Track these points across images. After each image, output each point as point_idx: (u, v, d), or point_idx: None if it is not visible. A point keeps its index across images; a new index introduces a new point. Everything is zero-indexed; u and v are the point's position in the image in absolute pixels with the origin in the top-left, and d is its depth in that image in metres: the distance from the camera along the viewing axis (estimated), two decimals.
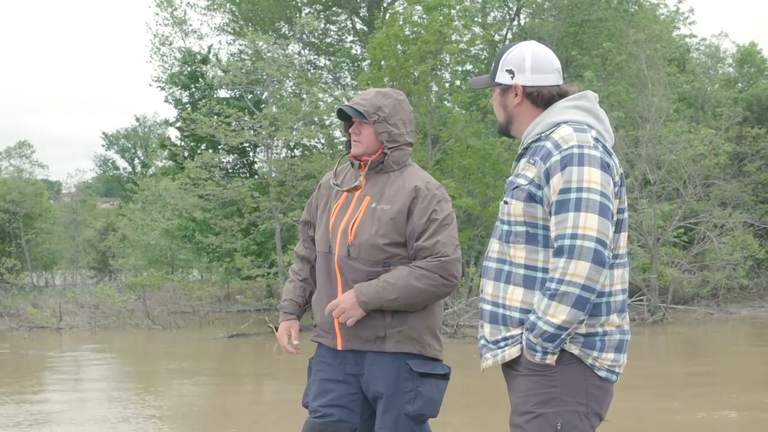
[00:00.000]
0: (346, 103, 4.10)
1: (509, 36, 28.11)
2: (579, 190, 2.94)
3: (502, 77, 3.24)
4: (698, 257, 22.52)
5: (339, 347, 3.89)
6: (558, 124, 3.11)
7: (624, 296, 3.11)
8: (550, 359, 3.00)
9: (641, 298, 20.67)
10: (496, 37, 27.50)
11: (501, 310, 3.12)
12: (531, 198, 3.05)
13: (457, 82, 23.30)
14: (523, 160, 3.17)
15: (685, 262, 21.74)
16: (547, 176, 3.01)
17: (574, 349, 3.01)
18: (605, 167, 2.98)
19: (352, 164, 4.08)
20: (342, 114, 4.02)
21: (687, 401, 10.24)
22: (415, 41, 20.23)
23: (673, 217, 21.32)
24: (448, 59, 21.59)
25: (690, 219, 22.00)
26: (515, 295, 3.08)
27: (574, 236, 2.90)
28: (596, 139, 3.04)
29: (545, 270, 3.03)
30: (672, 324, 19.82)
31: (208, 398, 11.84)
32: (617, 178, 3.05)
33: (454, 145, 21.25)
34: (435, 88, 22.00)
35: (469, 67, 25.91)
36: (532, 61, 3.20)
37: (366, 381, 3.88)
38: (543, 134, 3.13)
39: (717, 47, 30.04)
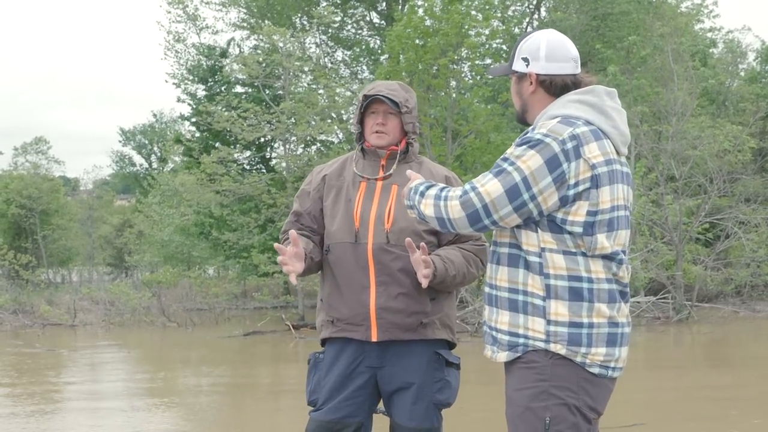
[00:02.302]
0: (367, 91, 3.97)
1: (530, 30, 27.71)
2: (509, 161, 3.02)
3: (518, 65, 3.25)
4: (721, 254, 22.08)
5: (374, 338, 3.80)
6: (555, 117, 3.11)
7: (611, 286, 3.06)
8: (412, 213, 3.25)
9: (666, 295, 20.26)
10: (516, 31, 27.08)
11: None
12: None
13: (478, 77, 22.93)
14: None
15: (710, 259, 21.31)
16: None
17: (561, 350, 3.01)
18: (552, 164, 2.98)
19: (364, 155, 4.02)
20: (367, 103, 3.96)
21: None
22: (436, 33, 19.88)
23: (699, 213, 20.89)
24: (467, 53, 21.24)
25: (715, 215, 21.56)
26: (502, 274, 3.14)
27: (474, 188, 3.03)
28: (573, 136, 3.01)
29: (536, 254, 3.06)
30: (698, 323, 19.40)
31: (224, 396, 11.62)
32: (578, 179, 3.00)
33: (474, 140, 20.89)
34: (453, 83, 21.66)
35: (488, 61, 25.53)
36: (546, 49, 3.20)
37: (390, 372, 3.83)
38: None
39: (740, 42, 29.57)
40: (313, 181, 4.09)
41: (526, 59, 3.22)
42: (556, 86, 3.18)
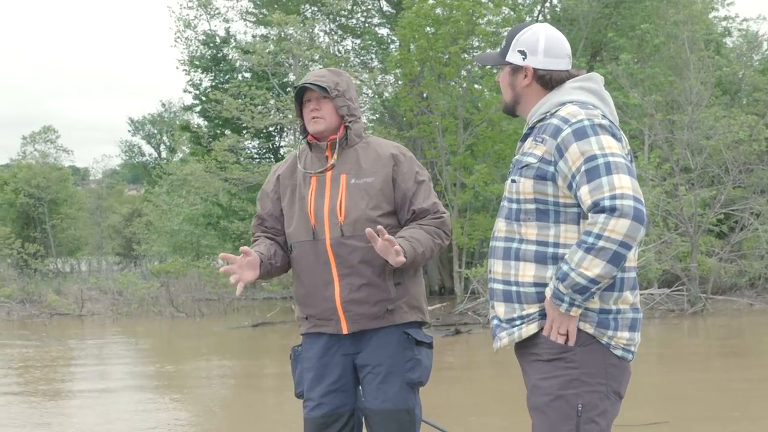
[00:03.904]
0: (302, 82, 4.01)
1: (540, 18, 27.42)
2: (604, 155, 2.97)
3: (513, 57, 3.25)
4: (735, 246, 21.80)
5: (345, 331, 3.86)
6: (563, 104, 3.13)
7: (635, 274, 3.15)
8: (575, 312, 2.99)
9: (680, 287, 20.00)
10: (528, 19, 26.80)
11: (514, 288, 3.14)
12: (541, 176, 3.08)
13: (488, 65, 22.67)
14: (529, 140, 3.19)
15: (726, 251, 21.04)
16: (560, 151, 3.03)
17: (589, 329, 3.04)
18: (617, 136, 3.06)
19: (311, 148, 4.03)
20: (297, 95, 4.02)
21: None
22: (447, 21, 19.63)
23: (714, 204, 20.61)
24: (477, 42, 20.99)
25: (731, 207, 21.28)
26: (527, 271, 3.11)
27: (613, 197, 2.91)
28: (603, 116, 3.10)
29: (556, 245, 3.08)
30: (713, 316, 19.14)
31: (232, 387, 11.48)
32: (626, 152, 3.10)
33: (486, 129, 20.65)
34: (464, 73, 21.42)
35: (499, 50, 25.25)
36: (545, 44, 3.22)
37: (365, 356, 3.89)
38: (548, 113, 3.15)
39: (755, 33, 29.19)
40: (270, 181, 4.13)
41: (523, 52, 3.22)
42: (554, 81, 3.21)
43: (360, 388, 3.96)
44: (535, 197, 3.11)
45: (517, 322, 3.15)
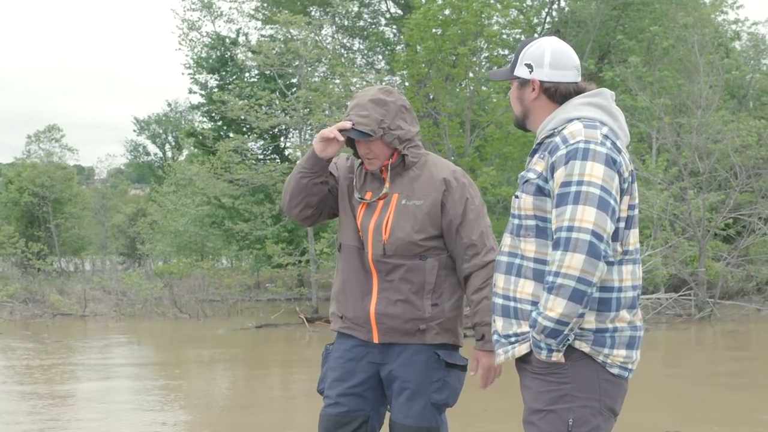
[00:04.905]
0: (347, 123, 3.90)
1: (548, 20, 27.30)
2: (579, 183, 2.98)
3: (520, 71, 3.28)
4: (742, 251, 21.66)
5: (375, 340, 3.90)
6: (571, 120, 3.15)
7: (635, 293, 3.15)
8: (557, 356, 3.02)
9: (688, 292, 19.87)
10: (535, 21, 26.68)
11: (512, 303, 3.18)
12: (540, 191, 3.12)
13: (496, 67, 22.55)
14: (537, 155, 3.21)
15: (734, 256, 20.90)
16: (552, 170, 3.07)
17: (585, 347, 3.05)
18: (610, 163, 3.02)
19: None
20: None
21: None
22: (455, 22, 19.52)
23: (723, 208, 20.46)
24: (484, 44, 20.88)
25: (738, 211, 21.13)
26: (526, 288, 3.14)
27: (570, 228, 2.95)
28: (605, 136, 3.08)
29: None
30: (720, 321, 19.00)
31: (235, 390, 11.35)
32: (626, 175, 3.09)
33: (494, 131, 20.53)
34: (471, 74, 21.31)
35: (506, 52, 25.15)
36: (551, 57, 3.24)
37: (390, 370, 3.90)
38: (556, 130, 3.17)
39: (763, 37, 29.06)
40: (341, 166, 4.09)
41: (529, 65, 3.26)
42: (560, 93, 3.22)
43: (388, 402, 4.00)
44: (535, 213, 3.14)
45: (513, 339, 3.19)
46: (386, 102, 3.91)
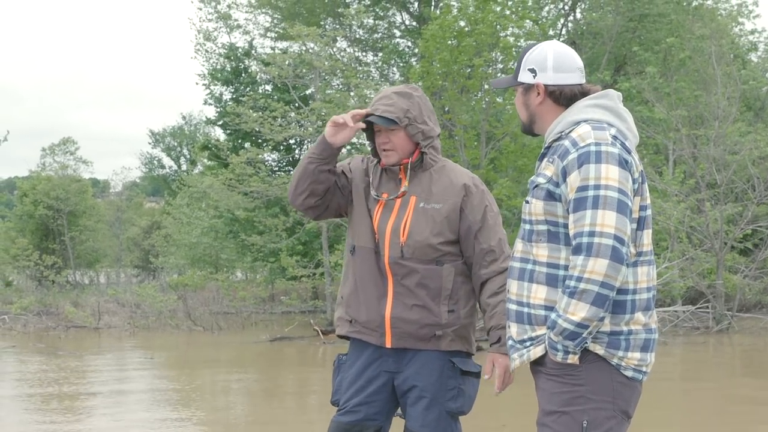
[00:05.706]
0: (370, 111, 3.91)
1: (564, 32, 27.22)
2: (596, 187, 2.98)
3: (524, 76, 3.29)
4: (759, 263, 21.47)
5: (388, 345, 3.88)
6: (578, 123, 3.15)
7: (650, 294, 3.14)
8: (572, 359, 3.03)
9: (706, 305, 19.69)
10: (551, 33, 26.59)
11: (526, 309, 3.18)
12: (550, 196, 3.11)
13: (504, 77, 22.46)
14: (545, 160, 3.22)
15: (752, 268, 20.70)
16: (564, 174, 3.06)
17: (599, 350, 3.05)
18: (623, 164, 3.02)
19: (385, 169, 4.02)
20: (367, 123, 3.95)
21: None
22: (471, 33, 19.45)
23: (741, 220, 20.28)
24: (500, 56, 20.79)
25: (756, 223, 20.95)
26: (539, 293, 3.14)
27: (591, 234, 2.94)
28: (614, 137, 3.08)
29: (567, 268, 3.08)
30: (739, 333, 18.81)
31: (249, 404, 11.26)
32: (637, 176, 3.09)
33: (509, 143, 20.43)
34: (486, 86, 21.22)
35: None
36: (554, 60, 3.24)
37: (405, 377, 3.88)
38: (563, 133, 3.17)
39: None
40: (357, 168, 4.08)
41: (533, 70, 3.26)
42: (565, 96, 3.23)
43: (401, 409, 4.00)
44: (546, 218, 3.14)
45: (528, 344, 3.19)
46: (412, 95, 3.91)
